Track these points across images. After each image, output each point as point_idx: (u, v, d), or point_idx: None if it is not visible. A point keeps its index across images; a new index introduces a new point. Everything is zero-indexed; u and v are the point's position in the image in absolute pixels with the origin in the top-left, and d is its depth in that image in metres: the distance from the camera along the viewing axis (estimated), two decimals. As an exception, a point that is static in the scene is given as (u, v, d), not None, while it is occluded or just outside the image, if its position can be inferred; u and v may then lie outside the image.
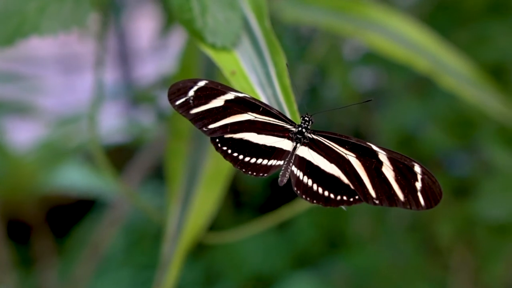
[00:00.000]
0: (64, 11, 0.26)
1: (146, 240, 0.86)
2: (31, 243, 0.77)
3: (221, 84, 0.23)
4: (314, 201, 0.23)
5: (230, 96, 0.23)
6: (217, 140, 0.23)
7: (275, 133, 0.23)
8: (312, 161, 0.23)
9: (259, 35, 0.25)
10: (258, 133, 0.23)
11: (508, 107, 0.41)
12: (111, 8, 0.75)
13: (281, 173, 0.23)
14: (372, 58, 0.53)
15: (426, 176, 0.22)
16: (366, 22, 0.38)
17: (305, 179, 0.23)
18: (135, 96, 0.75)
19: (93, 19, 0.34)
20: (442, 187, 0.22)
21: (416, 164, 0.22)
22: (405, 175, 0.22)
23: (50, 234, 0.78)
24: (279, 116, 0.23)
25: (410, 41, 0.38)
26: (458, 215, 0.60)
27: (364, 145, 0.23)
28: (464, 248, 0.66)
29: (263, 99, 0.23)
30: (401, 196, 0.22)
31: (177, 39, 0.66)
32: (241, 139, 0.23)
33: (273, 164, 0.23)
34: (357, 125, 0.75)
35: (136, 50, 0.94)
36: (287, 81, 0.23)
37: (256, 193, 0.91)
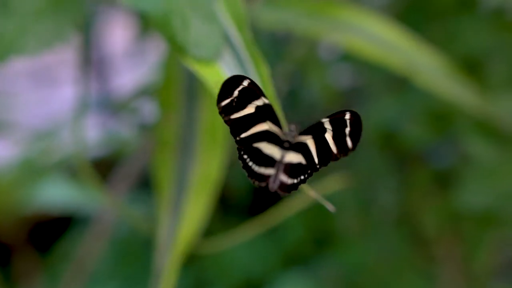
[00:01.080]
0: (43, 30, 0.27)
1: (132, 252, 0.85)
2: (13, 264, 0.76)
3: (258, 86, 0.23)
4: (288, 192, 0.24)
5: (260, 102, 0.23)
6: (242, 147, 0.23)
7: (277, 144, 0.24)
8: (291, 161, 0.24)
9: (240, 46, 0.25)
10: (268, 142, 0.24)
11: (483, 100, 0.42)
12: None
13: (271, 180, 0.24)
14: (349, 57, 0.54)
15: (352, 118, 0.23)
16: (342, 24, 0.39)
17: (285, 179, 0.23)
18: (113, 107, 0.75)
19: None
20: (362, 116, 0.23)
21: (347, 112, 0.23)
22: (339, 128, 0.23)
23: (33, 252, 0.77)
24: (281, 127, 0.24)
25: (385, 40, 0.39)
26: (443, 206, 0.61)
27: (317, 123, 0.24)
28: (450, 239, 0.67)
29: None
30: (334, 149, 0.23)
31: (153, 47, 0.66)
32: (257, 148, 0.24)
33: (270, 173, 0.24)
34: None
35: (110, 60, 0.93)
36: (272, 91, 0.24)
37: (243, 195, 0.92)
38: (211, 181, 0.33)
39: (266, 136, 0.24)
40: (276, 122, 0.24)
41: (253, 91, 0.23)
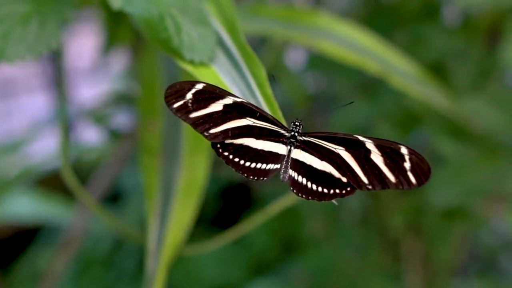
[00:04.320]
0: (29, 35, 0.26)
1: (97, 266, 0.84)
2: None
3: (219, 88, 0.24)
4: (310, 198, 0.24)
5: (228, 100, 0.24)
6: (218, 145, 0.24)
7: (271, 138, 0.24)
8: (305, 161, 0.24)
9: (233, 49, 0.26)
10: (257, 138, 0.24)
11: (450, 101, 0.44)
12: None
13: (282, 171, 0.24)
14: (318, 63, 0.55)
15: (413, 156, 0.23)
16: (315, 30, 0.40)
17: (300, 178, 0.24)
18: (78, 117, 0.73)
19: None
20: (430, 164, 0.23)
21: (402, 146, 0.24)
22: (393, 158, 0.23)
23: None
24: (274, 121, 0.24)
25: (358, 45, 0.41)
26: (407, 205, 0.63)
27: (351, 137, 0.24)
28: (414, 237, 0.69)
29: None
30: (392, 178, 0.23)
31: (118, 59, 0.65)
32: (241, 145, 0.24)
33: (271, 168, 0.24)
34: (305, 130, 0.77)
35: (73, 70, 0.91)
36: (270, 91, 0.24)
37: (209, 204, 0.91)
38: (197, 186, 0.33)
39: (249, 131, 0.24)
40: (263, 118, 0.24)
41: (212, 92, 0.24)
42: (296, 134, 0.25)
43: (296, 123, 0.25)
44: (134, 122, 0.57)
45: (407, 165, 0.23)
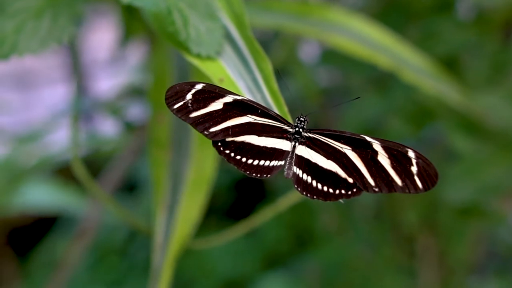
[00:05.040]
0: (41, 29, 0.26)
1: (111, 256, 0.85)
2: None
3: (218, 87, 0.24)
4: (314, 197, 0.24)
5: (228, 99, 0.24)
6: (219, 143, 0.24)
7: (274, 135, 0.24)
8: (310, 159, 0.24)
9: (240, 43, 0.26)
10: (259, 135, 0.24)
11: (464, 96, 0.43)
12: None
13: (286, 168, 0.24)
14: (331, 57, 0.55)
15: (420, 160, 0.23)
16: (327, 24, 0.40)
17: (305, 176, 0.24)
18: (95, 109, 0.74)
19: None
20: (437, 169, 0.23)
21: (409, 150, 0.23)
22: (400, 161, 0.23)
23: (13, 256, 0.76)
24: (277, 117, 0.24)
25: (371, 39, 0.40)
26: (421, 201, 0.63)
27: (358, 137, 0.24)
28: (429, 234, 0.68)
29: (253, 104, 0.24)
30: (398, 181, 0.23)
31: (135, 51, 0.66)
32: (243, 142, 0.24)
33: (275, 165, 0.24)
34: (316, 122, 0.77)
35: (92, 63, 0.93)
36: (276, 86, 0.24)
37: (223, 197, 0.92)
38: (205, 179, 0.33)
39: (251, 129, 0.24)
40: (265, 115, 0.24)
41: (211, 92, 0.24)
42: (300, 130, 0.24)
43: (301, 118, 0.25)
44: (147, 115, 0.58)
45: (414, 169, 0.23)
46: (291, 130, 0.24)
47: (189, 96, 0.23)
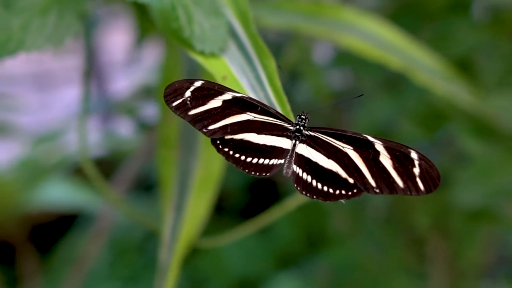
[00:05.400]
0: (47, 26, 0.27)
1: (129, 252, 0.85)
2: (16, 263, 0.76)
3: (217, 84, 0.23)
4: (314, 197, 0.24)
5: (227, 96, 0.23)
6: (218, 141, 0.24)
7: (274, 132, 0.24)
8: (311, 157, 0.24)
9: (245, 40, 0.26)
10: (258, 133, 0.24)
11: (476, 98, 0.43)
12: (84, 22, 0.74)
13: (285, 166, 0.24)
14: (343, 59, 0.55)
15: (423, 162, 0.23)
16: (339, 24, 0.39)
17: (305, 175, 0.24)
18: (112, 109, 0.75)
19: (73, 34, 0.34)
20: (440, 172, 0.23)
21: (412, 151, 0.23)
22: (402, 162, 0.23)
23: (34, 252, 0.77)
24: (277, 115, 0.24)
25: (383, 40, 0.40)
26: (433, 205, 0.62)
27: (360, 137, 0.23)
28: (440, 237, 0.68)
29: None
30: (400, 183, 0.23)
31: (150, 52, 0.66)
32: (242, 140, 0.24)
33: (275, 163, 0.24)
34: (330, 124, 0.76)
35: (108, 64, 0.94)
36: (279, 83, 0.24)
37: (236, 198, 0.92)
38: (213, 179, 0.33)
39: (250, 126, 0.24)
40: (265, 112, 0.24)
41: (210, 89, 0.23)
42: (301, 128, 0.24)
43: (302, 116, 0.24)
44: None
45: (416, 170, 0.23)
46: (291, 128, 0.24)
47: (188, 93, 0.23)
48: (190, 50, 0.25)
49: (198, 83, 0.23)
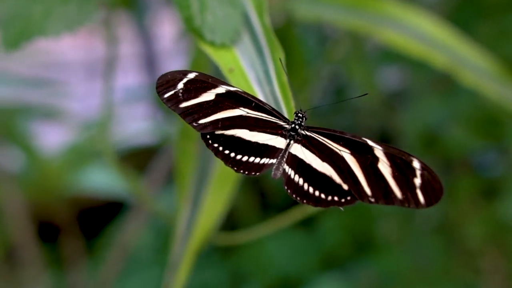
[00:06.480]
0: (68, 13, 0.27)
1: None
2: (60, 244, 0.78)
3: (211, 77, 0.22)
4: (304, 201, 0.22)
5: (221, 89, 0.22)
6: (208, 136, 0.23)
7: (268, 130, 0.23)
8: (304, 159, 0.22)
9: (259, 32, 0.24)
10: (250, 129, 0.22)
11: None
12: (135, 11, 0.76)
13: (274, 168, 0.22)
14: (392, 55, 0.52)
15: (425, 172, 0.21)
16: (382, 18, 0.37)
17: (296, 178, 0.22)
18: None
19: (116, 22, 0.34)
20: (443, 184, 0.21)
21: (414, 159, 0.21)
22: (403, 171, 0.21)
23: (79, 235, 0.79)
24: (272, 112, 0.23)
25: (427, 36, 0.37)
26: (488, 217, 0.58)
27: (359, 140, 0.22)
28: (496, 251, 0.63)
29: (261, 97, 0.23)
30: (398, 193, 0.21)
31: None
32: (232, 136, 0.22)
33: (266, 162, 0.22)
34: (383, 126, 0.73)
35: (160, 53, 0.95)
36: (285, 78, 0.22)
37: (281, 195, 0.91)
38: (232, 176, 0.32)
39: (243, 122, 0.22)
40: (260, 108, 0.22)
41: (204, 82, 0.22)
42: (297, 126, 0.22)
43: (299, 114, 0.23)
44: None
45: (417, 181, 0.21)
46: (287, 126, 0.23)
47: (180, 85, 0.22)
48: (201, 40, 0.24)
49: (191, 75, 0.22)
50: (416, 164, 0.21)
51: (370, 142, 0.22)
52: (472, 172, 0.60)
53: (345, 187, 0.22)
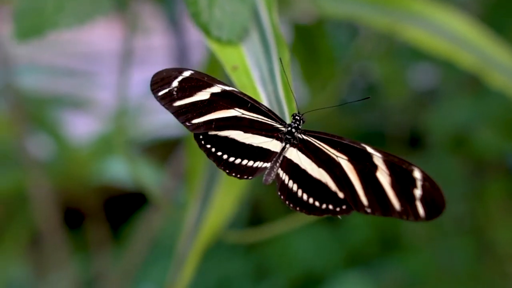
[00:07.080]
0: (81, 6, 0.27)
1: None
2: (86, 230, 0.80)
3: (207, 76, 0.22)
4: (298, 208, 0.21)
5: (216, 89, 0.22)
6: (201, 136, 0.22)
7: (263, 132, 0.22)
8: (300, 164, 0.21)
9: (268, 29, 0.24)
10: (245, 131, 0.22)
11: None
12: (166, 3, 0.76)
13: (266, 173, 0.22)
14: (420, 53, 0.50)
15: (427, 183, 0.20)
16: (406, 15, 0.36)
17: (290, 183, 0.21)
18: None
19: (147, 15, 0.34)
20: (445, 196, 0.20)
21: (416, 169, 0.20)
22: (402, 181, 0.20)
23: (105, 223, 0.80)
24: (269, 114, 0.22)
25: (455, 34, 0.35)
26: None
27: (358, 146, 0.21)
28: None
29: (263, 96, 0.22)
30: (396, 205, 0.20)
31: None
32: (226, 137, 0.22)
33: (259, 166, 0.22)
34: (413, 124, 0.72)
35: (191, 45, 0.95)
36: (289, 78, 0.22)
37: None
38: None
39: (237, 123, 0.22)
40: (256, 109, 0.22)
41: (199, 80, 0.22)
42: (293, 130, 0.22)
43: (296, 117, 0.22)
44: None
45: (417, 192, 0.20)
46: (283, 129, 0.22)
47: (175, 83, 0.22)
48: (207, 35, 0.23)
49: (187, 73, 0.22)
50: (417, 174, 0.20)
51: (369, 149, 0.21)
52: (503, 174, 0.58)
53: (341, 195, 0.21)
